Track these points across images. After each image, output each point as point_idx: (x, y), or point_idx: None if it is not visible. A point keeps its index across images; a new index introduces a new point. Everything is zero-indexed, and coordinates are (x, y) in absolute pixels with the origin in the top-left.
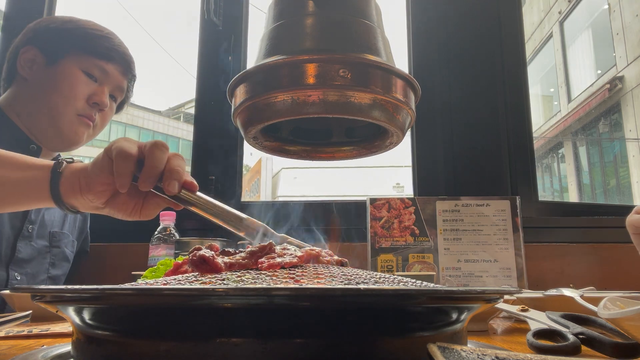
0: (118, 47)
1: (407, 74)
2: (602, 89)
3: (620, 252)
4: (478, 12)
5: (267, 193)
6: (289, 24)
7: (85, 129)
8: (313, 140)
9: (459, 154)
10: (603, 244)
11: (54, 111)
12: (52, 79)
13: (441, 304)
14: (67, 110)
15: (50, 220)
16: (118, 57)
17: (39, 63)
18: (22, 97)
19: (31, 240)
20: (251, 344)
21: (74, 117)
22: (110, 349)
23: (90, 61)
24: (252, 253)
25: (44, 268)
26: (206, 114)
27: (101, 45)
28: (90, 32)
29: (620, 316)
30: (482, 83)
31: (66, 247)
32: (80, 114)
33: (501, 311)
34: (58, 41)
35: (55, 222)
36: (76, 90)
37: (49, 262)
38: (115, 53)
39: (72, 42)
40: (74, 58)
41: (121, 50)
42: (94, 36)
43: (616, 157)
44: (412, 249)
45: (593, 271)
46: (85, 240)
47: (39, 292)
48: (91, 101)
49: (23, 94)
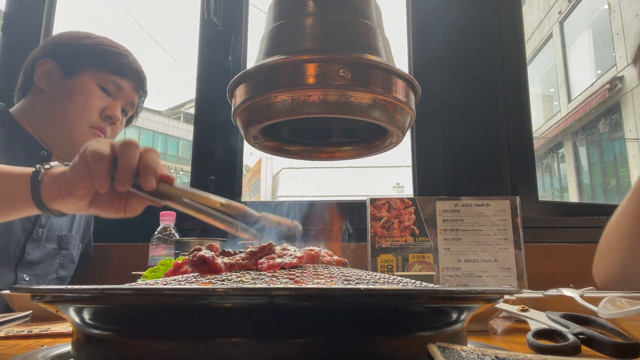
0: (132, 65)
1: (407, 74)
2: (602, 89)
3: None
4: (478, 12)
5: (267, 193)
6: (289, 24)
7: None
8: (313, 140)
9: (459, 154)
10: None
11: (68, 122)
12: (68, 91)
13: (441, 304)
14: (81, 122)
15: (59, 224)
16: (132, 74)
17: (56, 75)
18: (37, 106)
19: (40, 243)
20: (251, 344)
21: (86, 129)
22: (110, 349)
23: (106, 76)
24: (252, 253)
25: (53, 268)
26: (206, 114)
27: (117, 62)
28: (107, 49)
29: (620, 316)
30: (482, 83)
31: (74, 249)
32: (93, 126)
33: (501, 311)
34: (76, 56)
35: (64, 225)
36: (91, 104)
37: (59, 263)
38: (129, 70)
39: (89, 58)
40: (90, 73)
41: (135, 67)
42: (111, 53)
43: (616, 157)
44: (412, 249)
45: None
46: (88, 245)
47: (39, 292)
48: (104, 115)
49: (38, 104)
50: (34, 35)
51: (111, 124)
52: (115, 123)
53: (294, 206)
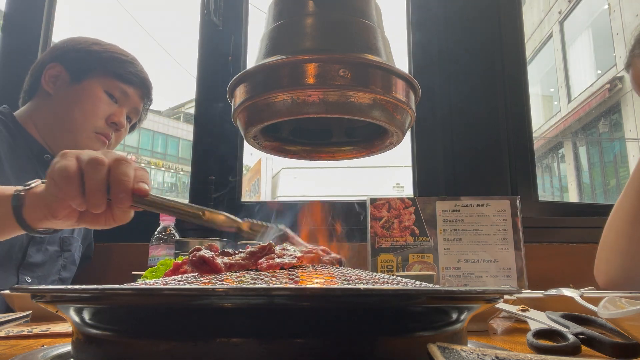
0: (140, 73)
1: (407, 74)
2: (602, 89)
3: None
4: (478, 12)
5: (267, 193)
6: (289, 24)
7: (101, 146)
8: (313, 140)
9: (459, 154)
10: None
11: (74, 126)
12: (75, 96)
13: (441, 304)
14: (86, 126)
15: None
16: (139, 82)
17: (64, 80)
18: (42, 110)
19: (42, 246)
20: (251, 344)
21: (91, 134)
22: (110, 349)
23: (113, 83)
24: (252, 253)
25: (55, 270)
26: (206, 114)
27: (125, 69)
28: (116, 56)
29: (620, 316)
30: (482, 83)
31: (75, 251)
32: (98, 131)
33: (501, 311)
34: (84, 61)
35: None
36: (98, 109)
37: (61, 264)
38: (136, 78)
39: (97, 64)
40: (98, 79)
41: (142, 76)
42: (119, 60)
43: (616, 157)
44: (412, 249)
45: (593, 271)
46: (89, 246)
47: (39, 292)
48: (110, 121)
49: (44, 107)
50: (34, 35)
51: (116, 131)
52: (120, 130)
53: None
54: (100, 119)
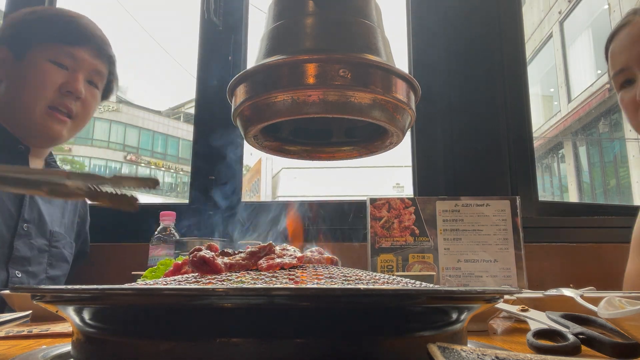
0: (85, 29)
1: (407, 74)
2: (602, 89)
3: (620, 252)
4: (478, 12)
5: (267, 193)
6: (289, 24)
7: (59, 124)
8: (313, 140)
9: (459, 154)
10: (603, 244)
11: (26, 106)
12: (21, 73)
13: (441, 304)
14: (38, 103)
15: (50, 219)
16: (86, 40)
17: (9, 60)
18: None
19: (30, 239)
20: (251, 344)
21: (46, 111)
22: (110, 349)
23: (57, 49)
24: (252, 254)
25: (42, 268)
26: (206, 114)
27: (66, 30)
28: (54, 19)
29: (620, 316)
30: (482, 83)
31: (64, 248)
32: (52, 105)
33: (501, 311)
34: (22, 34)
35: (55, 221)
36: (45, 81)
37: (47, 262)
38: (82, 36)
39: (35, 33)
40: (39, 49)
41: (89, 32)
42: (58, 22)
43: (616, 157)
44: (412, 249)
45: (593, 271)
46: (84, 242)
47: (39, 292)
48: (64, 90)
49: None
50: None
51: (76, 99)
52: (80, 97)
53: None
54: (50, 91)
